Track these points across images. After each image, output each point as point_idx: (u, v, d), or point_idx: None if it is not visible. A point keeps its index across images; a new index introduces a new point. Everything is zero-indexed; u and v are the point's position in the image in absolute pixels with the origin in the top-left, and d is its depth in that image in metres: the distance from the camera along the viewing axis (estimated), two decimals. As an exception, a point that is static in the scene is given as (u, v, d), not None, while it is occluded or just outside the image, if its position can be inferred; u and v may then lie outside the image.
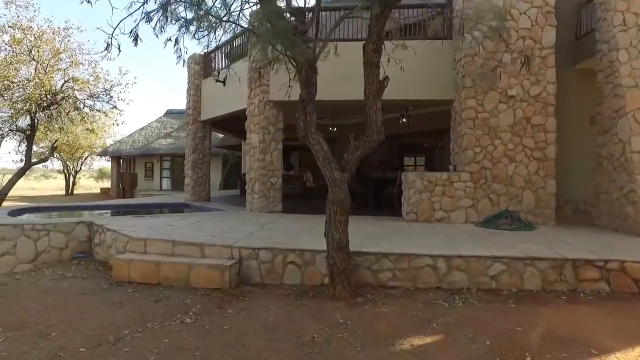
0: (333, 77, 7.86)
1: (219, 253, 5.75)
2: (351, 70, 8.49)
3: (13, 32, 10.60)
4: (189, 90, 13.42)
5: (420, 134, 16.62)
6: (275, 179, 9.80)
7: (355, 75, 8.81)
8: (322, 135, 5.15)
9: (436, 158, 18.22)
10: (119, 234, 6.48)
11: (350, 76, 8.69)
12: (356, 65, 8.28)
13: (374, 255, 5.54)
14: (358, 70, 8.62)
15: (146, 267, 5.59)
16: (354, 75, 8.73)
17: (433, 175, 8.45)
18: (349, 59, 6.97)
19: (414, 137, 17.44)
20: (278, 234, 6.74)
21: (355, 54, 6.30)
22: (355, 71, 8.60)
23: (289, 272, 5.63)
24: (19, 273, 6.48)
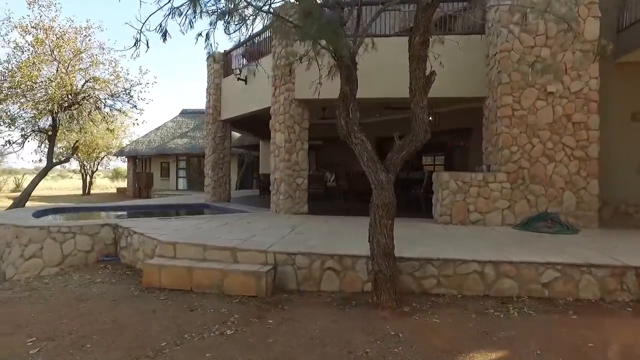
0: (360, 74, 7.51)
1: (253, 258, 5.50)
2: (378, 68, 8.30)
3: (36, 33, 10.50)
4: (208, 89, 13.22)
5: (440, 133, 16.23)
6: (301, 180, 9.54)
7: (382, 73, 8.63)
8: (365, 135, 4.86)
9: (456, 157, 17.80)
10: (146, 238, 6.27)
11: (376, 74, 8.49)
12: (383, 62, 8.06)
13: (417, 261, 5.25)
14: (386, 67, 8.49)
15: (178, 273, 5.36)
16: (381, 72, 8.57)
17: (467, 176, 8.11)
18: (376, 56, 6.67)
19: (432, 136, 17.01)
20: (311, 237, 6.47)
21: (383, 51, 6.06)
22: (382, 69, 8.46)
23: (327, 279, 5.36)
24: (47, 277, 6.31)
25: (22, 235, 6.85)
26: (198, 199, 15.00)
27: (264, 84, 10.64)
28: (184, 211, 12.23)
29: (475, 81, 8.80)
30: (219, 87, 13.04)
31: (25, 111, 10.93)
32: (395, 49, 7.10)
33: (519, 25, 7.80)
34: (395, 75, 8.69)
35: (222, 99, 13.03)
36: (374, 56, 6.63)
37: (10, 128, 11.05)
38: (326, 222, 8.24)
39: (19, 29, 10.44)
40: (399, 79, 8.75)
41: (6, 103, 10.59)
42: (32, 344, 3.86)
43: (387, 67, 8.46)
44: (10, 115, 10.78)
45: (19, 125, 11.15)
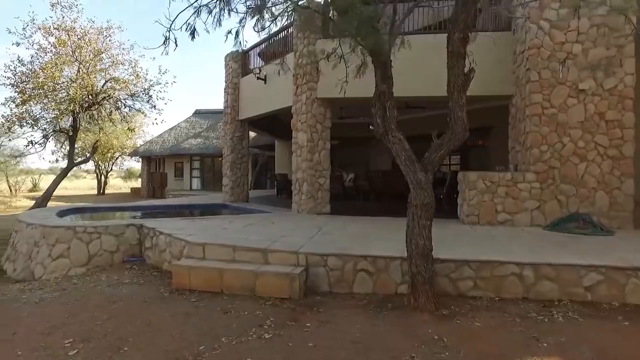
0: None
1: (284, 259, 5.40)
2: (402, 66, 8.12)
3: (58, 34, 10.53)
4: (226, 88, 13.17)
5: None
6: (323, 180, 9.44)
7: (406, 71, 8.44)
8: (402, 133, 4.74)
9: (473, 157, 17.56)
10: (174, 238, 6.21)
11: (400, 72, 8.31)
12: (407, 60, 7.87)
13: (452, 263, 5.11)
14: (410, 65, 8.29)
15: (208, 274, 5.28)
16: (406, 71, 8.38)
17: (495, 176, 7.94)
18: (399, 54, 6.52)
19: None
20: (340, 238, 6.37)
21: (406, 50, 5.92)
22: (406, 67, 8.25)
23: (359, 280, 5.24)
24: (74, 277, 6.28)
25: (50, 235, 6.83)
26: (215, 198, 14.97)
27: (284, 83, 10.55)
28: (204, 211, 12.18)
29: (501, 79, 8.61)
30: (237, 86, 12.99)
31: (47, 112, 10.97)
32: (418, 47, 6.95)
33: (549, 21, 7.61)
34: (419, 74, 8.62)
35: (240, 98, 12.97)
36: (397, 54, 6.50)
37: (33, 129, 11.12)
38: (352, 222, 8.12)
39: (42, 30, 10.49)
40: (424, 77, 8.70)
41: (29, 104, 10.63)
42: (69, 345, 3.81)
43: (411, 66, 8.26)
44: (33, 115, 10.83)
45: (41, 126, 11.21)
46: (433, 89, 8.74)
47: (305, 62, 9.32)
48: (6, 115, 10.60)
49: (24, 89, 10.43)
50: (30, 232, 7.15)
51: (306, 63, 9.31)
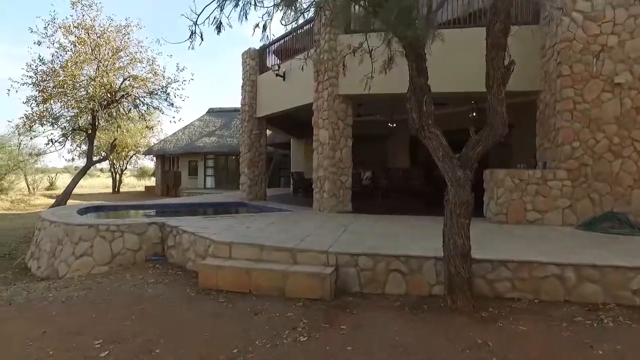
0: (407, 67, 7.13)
1: (313, 259, 5.24)
2: (429, 61, 7.91)
3: (78, 33, 10.51)
4: (244, 86, 13.06)
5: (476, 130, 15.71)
6: (345, 177, 9.26)
7: (433, 67, 8.17)
8: (440, 129, 4.55)
9: (493, 155, 17.19)
10: (198, 237, 6.09)
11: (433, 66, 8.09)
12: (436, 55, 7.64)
13: (489, 263, 4.90)
14: (437, 61, 8.03)
15: (236, 274, 5.14)
16: (432, 66, 8.12)
17: (525, 173, 7.69)
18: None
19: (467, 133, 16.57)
20: (367, 237, 6.19)
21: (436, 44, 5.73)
22: (433, 62, 8.01)
23: (392, 281, 5.07)
24: (98, 275, 6.20)
25: (73, 233, 6.77)
26: (231, 197, 14.87)
27: (304, 80, 10.41)
28: (223, 210, 12.09)
29: (527, 75, 8.31)
30: (254, 83, 12.87)
31: (67, 110, 10.96)
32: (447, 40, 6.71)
33: (582, 12, 7.34)
34: (444, 69, 8.34)
35: (257, 95, 12.85)
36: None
37: (53, 127, 11.13)
38: (376, 221, 7.94)
39: (63, 29, 10.47)
40: (449, 72, 8.47)
41: (50, 103, 10.62)
42: (100, 345, 3.71)
43: (436, 61, 7.98)
44: (53, 114, 10.82)
45: (61, 124, 11.22)
46: (458, 84, 8.56)
47: (327, 58, 9.16)
48: (28, 114, 10.61)
49: (45, 88, 10.42)
50: (53, 230, 7.10)
51: (328, 59, 9.14)
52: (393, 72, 6.72)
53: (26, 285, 6.13)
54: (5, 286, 6.16)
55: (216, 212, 10.45)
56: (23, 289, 5.82)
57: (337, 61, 9.14)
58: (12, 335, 4.06)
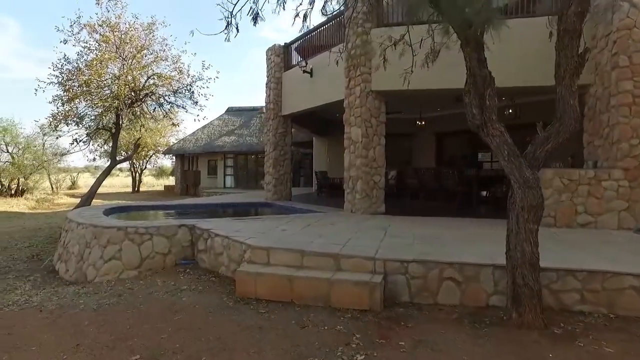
0: (452, 63, 6.68)
1: (358, 266, 4.86)
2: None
3: (103, 31, 10.32)
4: (268, 83, 12.75)
5: (517, 127, 15.14)
6: (378, 177, 8.87)
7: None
8: (504, 125, 4.13)
9: None
10: (232, 241, 5.76)
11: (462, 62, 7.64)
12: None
13: (554, 272, 4.46)
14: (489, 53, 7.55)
15: (277, 282, 4.79)
16: None
17: (575, 173, 7.18)
18: None
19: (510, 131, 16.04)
20: (413, 241, 5.80)
21: None
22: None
23: (445, 290, 4.66)
24: (128, 281, 5.92)
25: (101, 235, 6.51)
26: (254, 196, 14.62)
27: (332, 76, 10.05)
28: (249, 210, 11.81)
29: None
30: (279, 81, 12.55)
31: (92, 109, 10.79)
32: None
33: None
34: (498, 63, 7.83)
35: (282, 93, 12.52)
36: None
37: (78, 126, 10.98)
38: (416, 223, 7.53)
39: (88, 27, 10.29)
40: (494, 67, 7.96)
41: (75, 102, 10.46)
42: (138, 363, 3.39)
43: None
44: (78, 113, 10.66)
45: (85, 124, 11.06)
46: (498, 80, 8.05)
47: (359, 53, 8.76)
48: (54, 114, 10.46)
49: (71, 87, 10.26)
50: (81, 232, 6.86)
51: (360, 54, 8.75)
52: (430, 68, 6.33)
53: (55, 289, 5.89)
54: (35, 290, 5.93)
55: (246, 213, 10.17)
56: (53, 294, 5.58)
57: (369, 56, 8.75)
58: (45, 346, 3.79)
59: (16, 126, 23.15)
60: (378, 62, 6.56)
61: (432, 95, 10.47)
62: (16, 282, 6.55)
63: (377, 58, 8.54)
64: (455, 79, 8.02)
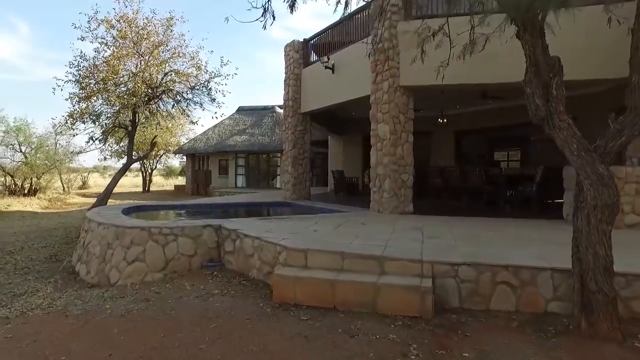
0: (486, 55, 6.33)
1: (404, 269, 4.53)
2: (506, 47, 7.06)
3: (120, 26, 10.07)
4: (287, 80, 12.45)
5: (521, 126, 14.75)
6: (406, 176, 8.52)
7: (509, 53, 7.29)
8: (570, 116, 3.78)
9: (536, 152, 16.12)
10: (265, 242, 5.45)
11: (500, 54, 7.28)
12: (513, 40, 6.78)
13: (622, 277, 4.09)
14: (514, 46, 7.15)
15: (318, 286, 4.48)
16: (508, 52, 7.24)
17: (622, 170, 6.79)
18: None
19: (509, 130, 15.73)
20: (456, 242, 5.47)
21: None
22: (509, 48, 7.12)
23: (499, 295, 4.32)
24: (154, 284, 5.63)
25: (124, 236, 6.24)
26: (269, 196, 14.33)
27: (355, 72, 9.74)
28: (269, 210, 11.53)
29: (610, 60, 7.38)
30: (298, 77, 12.25)
31: (109, 106, 10.54)
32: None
33: None
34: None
35: (302, 90, 12.22)
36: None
37: (95, 124, 10.73)
38: (448, 223, 7.19)
39: (105, 23, 10.04)
40: None
41: (91, 100, 10.22)
42: (179, 378, 3.08)
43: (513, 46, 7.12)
44: (94, 111, 10.41)
45: (102, 122, 10.81)
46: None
47: (387, 47, 8.43)
48: (71, 112, 10.22)
49: (87, 84, 10.03)
50: (102, 233, 6.59)
51: (388, 47, 8.41)
52: (462, 62, 6.02)
53: (78, 292, 5.62)
54: (58, 293, 5.67)
55: (269, 213, 9.87)
56: (76, 297, 5.31)
57: (398, 50, 8.42)
58: (75, 356, 3.51)
59: (29, 126, 23.09)
60: (414, 54, 6.20)
61: (462, 91, 10.12)
62: (37, 283, 6.31)
63: (408, 52, 8.26)
64: (489, 73, 7.72)
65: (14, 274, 6.98)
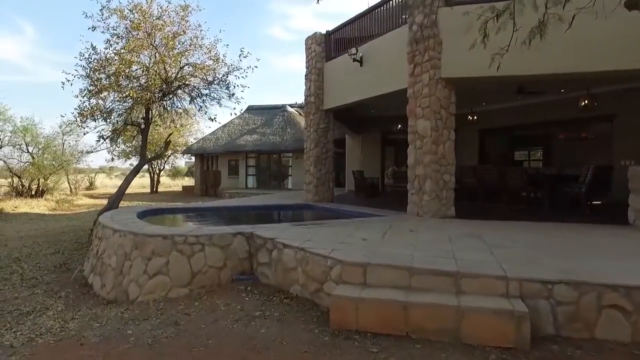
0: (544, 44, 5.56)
1: (485, 287, 3.78)
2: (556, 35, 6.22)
3: (133, 17, 9.36)
4: (308, 75, 11.71)
5: (544, 124, 14.05)
6: (448, 176, 7.76)
7: (560, 41, 6.49)
8: None
9: (560, 151, 15.32)
10: (311, 254, 4.70)
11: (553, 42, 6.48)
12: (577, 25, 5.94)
13: None
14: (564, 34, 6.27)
15: (387, 309, 3.72)
16: (559, 40, 6.43)
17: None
18: None
19: (532, 128, 15.01)
20: (533, 253, 4.72)
21: None
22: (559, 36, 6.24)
23: (606, 321, 3.56)
24: (180, 302, 4.90)
25: (143, 245, 5.50)
26: (286, 198, 13.60)
27: (387, 64, 9.01)
28: (292, 214, 10.80)
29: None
30: (320, 72, 11.50)
31: (121, 103, 9.83)
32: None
33: None
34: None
35: (324, 85, 11.47)
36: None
37: (106, 122, 10.02)
38: (505, 229, 6.43)
39: (118, 12, 9.32)
40: (584, 47, 6.87)
41: (101, 96, 9.51)
42: None
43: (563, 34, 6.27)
44: (105, 108, 9.70)
45: (113, 119, 10.10)
46: (593, 62, 6.92)
47: (427, 35, 7.67)
48: (81, 108, 9.50)
49: (98, 79, 9.32)
50: (118, 241, 5.86)
51: (428, 35, 7.65)
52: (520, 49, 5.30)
53: (93, 311, 4.89)
54: (70, 311, 4.94)
55: (297, 218, 9.14)
56: (92, 318, 4.59)
57: (439, 39, 7.67)
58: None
59: (36, 126, 22.48)
60: (460, 42, 5.44)
61: (502, 84, 9.38)
62: (46, 298, 5.59)
63: (451, 41, 7.52)
64: (552, 60, 6.89)
65: (20, 286, 6.27)
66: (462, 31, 6.75)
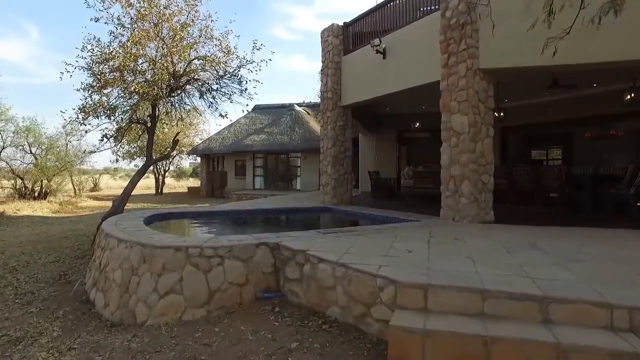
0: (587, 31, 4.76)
1: (582, 316, 3.03)
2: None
3: (139, 6, 8.64)
4: (325, 70, 10.98)
5: (566, 122, 13.34)
6: (487, 177, 7.01)
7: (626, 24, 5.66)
8: None
9: (581, 150, 14.57)
10: (355, 271, 3.94)
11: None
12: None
13: None
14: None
15: (462, 345, 2.96)
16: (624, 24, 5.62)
17: None
18: None
19: (553, 126, 14.32)
20: (611, 267, 3.96)
21: None
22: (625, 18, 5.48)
23: None
24: (197, 327, 4.16)
25: (153, 259, 4.77)
26: (300, 199, 12.89)
27: (415, 55, 8.28)
28: (308, 218, 10.05)
29: None
30: (338, 66, 10.77)
31: (125, 99, 9.13)
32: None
33: None
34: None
35: (342, 80, 10.74)
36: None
37: (110, 119, 9.32)
38: (558, 237, 5.68)
39: (123, 0, 8.59)
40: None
41: (105, 90, 8.80)
42: None
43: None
44: (109, 105, 8.99)
45: (118, 116, 9.40)
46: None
47: (463, 22, 6.91)
48: (83, 105, 8.81)
49: (101, 72, 8.60)
50: (124, 253, 5.12)
51: (465, 22, 6.90)
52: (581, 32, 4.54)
53: (95, 338, 4.16)
54: (68, 338, 4.21)
55: (318, 223, 8.40)
56: (92, 349, 3.87)
57: (477, 25, 6.92)
58: None
59: (39, 126, 21.90)
60: (502, 28, 4.66)
61: (538, 76, 8.63)
62: (41, 319, 4.86)
63: (492, 26, 6.76)
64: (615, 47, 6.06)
65: (13, 303, 5.55)
66: (505, 15, 6.04)
